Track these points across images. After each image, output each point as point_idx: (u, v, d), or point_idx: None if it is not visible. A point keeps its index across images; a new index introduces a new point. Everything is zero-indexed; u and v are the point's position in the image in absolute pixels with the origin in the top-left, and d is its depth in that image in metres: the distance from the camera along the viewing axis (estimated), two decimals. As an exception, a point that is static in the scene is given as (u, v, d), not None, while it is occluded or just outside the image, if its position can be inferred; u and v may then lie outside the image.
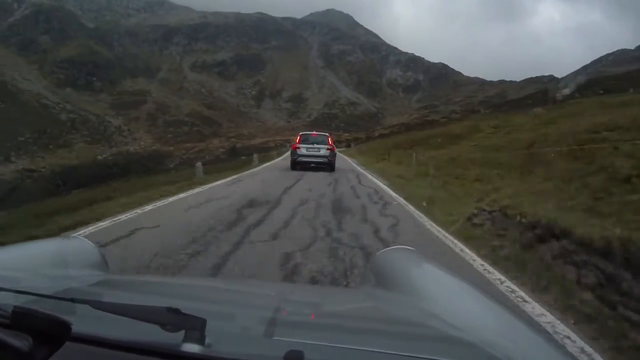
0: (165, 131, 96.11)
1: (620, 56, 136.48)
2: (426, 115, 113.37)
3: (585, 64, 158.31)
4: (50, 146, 70.53)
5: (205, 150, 60.96)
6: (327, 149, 16.40)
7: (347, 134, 59.20)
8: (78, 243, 1.56)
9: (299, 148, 16.40)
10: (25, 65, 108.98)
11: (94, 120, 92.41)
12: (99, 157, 62.29)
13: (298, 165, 16.37)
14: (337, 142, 51.63)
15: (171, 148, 67.11)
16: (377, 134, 47.51)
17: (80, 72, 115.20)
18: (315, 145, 16.36)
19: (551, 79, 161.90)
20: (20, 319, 0.71)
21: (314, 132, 18.66)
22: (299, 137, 17.03)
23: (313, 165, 16.23)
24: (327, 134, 17.78)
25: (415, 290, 1.26)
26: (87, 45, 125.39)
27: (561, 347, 0.82)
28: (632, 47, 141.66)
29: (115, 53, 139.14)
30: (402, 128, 55.62)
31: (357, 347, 0.81)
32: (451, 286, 1.32)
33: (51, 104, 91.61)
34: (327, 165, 16.27)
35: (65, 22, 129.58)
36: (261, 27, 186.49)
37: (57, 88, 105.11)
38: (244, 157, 42.23)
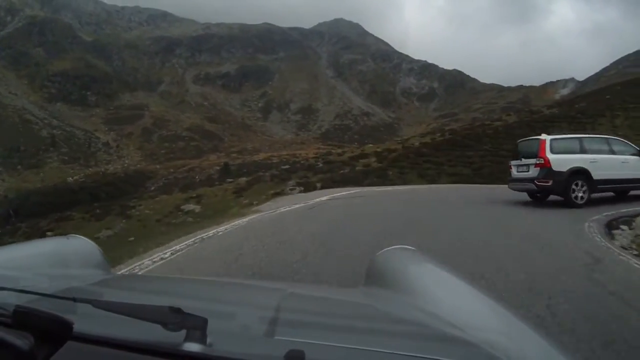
0: (158, 147, 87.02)
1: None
2: (447, 124, 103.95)
3: (605, 65, 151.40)
4: (19, 167, 61.64)
5: (197, 169, 51.34)
6: (537, 164, 9.94)
7: (371, 144, 48.79)
8: (79, 242, 1.53)
9: (510, 167, 11.36)
10: (15, 79, 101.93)
11: (80, 137, 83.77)
12: (70, 179, 52.96)
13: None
14: (362, 157, 39.77)
15: (157, 167, 57.51)
16: (417, 143, 36.29)
17: (73, 86, 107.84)
18: (524, 161, 10.55)
19: (572, 81, 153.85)
20: (22, 318, 0.70)
21: (531, 138, 11.65)
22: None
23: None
24: (542, 138, 10.39)
25: (415, 290, 1.25)
26: (82, 59, 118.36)
27: (561, 346, 0.87)
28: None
29: (114, 66, 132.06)
30: (451, 135, 42.32)
31: (358, 347, 0.81)
32: (451, 286, 1.31)
33: (34, 120, 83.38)
34: (545, 193, 10.51)
35: (60, 35, 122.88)
36: (268, 37, 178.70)
37: (47, 103, 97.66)
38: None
